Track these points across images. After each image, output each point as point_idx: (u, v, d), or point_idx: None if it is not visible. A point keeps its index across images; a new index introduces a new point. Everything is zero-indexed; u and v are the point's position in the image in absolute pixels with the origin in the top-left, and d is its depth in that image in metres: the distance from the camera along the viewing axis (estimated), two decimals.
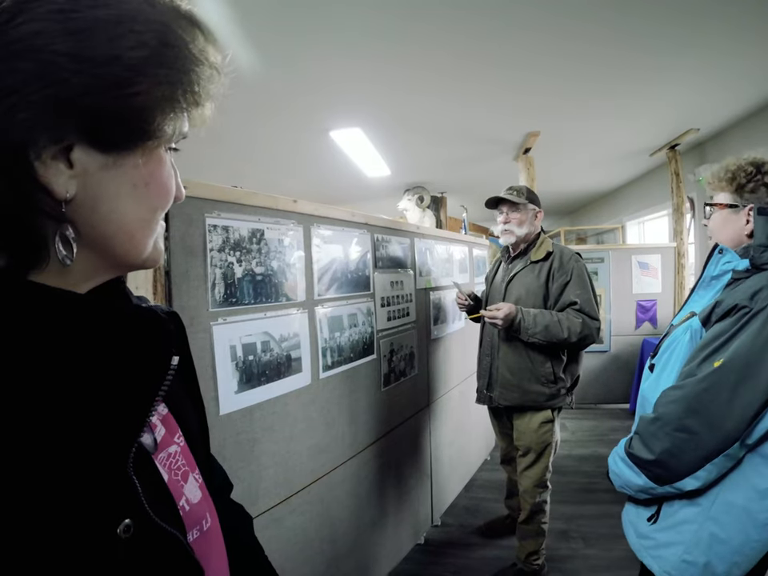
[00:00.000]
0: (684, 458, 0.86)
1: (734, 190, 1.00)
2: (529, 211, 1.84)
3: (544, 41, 2.13)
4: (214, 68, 0.36)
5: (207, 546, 0.43)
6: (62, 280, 0.33)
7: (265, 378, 1.15)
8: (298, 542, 1.28)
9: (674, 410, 0.88)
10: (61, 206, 0.31)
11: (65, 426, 0.30)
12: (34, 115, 0.28)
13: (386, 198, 5.64)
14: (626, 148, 4.02)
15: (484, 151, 3.97)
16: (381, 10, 1.83)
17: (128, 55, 0.30)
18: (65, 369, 0.31)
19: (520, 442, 1.86)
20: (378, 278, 1.68)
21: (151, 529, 0.34)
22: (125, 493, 0.32)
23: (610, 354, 3.95)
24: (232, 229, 1.08)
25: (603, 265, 3.95)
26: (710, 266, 1.02)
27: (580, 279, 1.72)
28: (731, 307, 0.87)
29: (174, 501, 0.39)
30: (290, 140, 3.50)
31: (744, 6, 1.86)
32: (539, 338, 1.66)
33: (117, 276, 0.40)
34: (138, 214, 0.35)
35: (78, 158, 0.31)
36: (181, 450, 0.44)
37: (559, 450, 3.13)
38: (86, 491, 0.30)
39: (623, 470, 0.98)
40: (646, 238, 5.62)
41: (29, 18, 0.28)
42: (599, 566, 1.96)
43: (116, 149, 0.33)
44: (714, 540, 0.87)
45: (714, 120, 3.34)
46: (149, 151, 0.35)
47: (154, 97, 0.32)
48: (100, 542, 0.30)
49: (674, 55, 2.31)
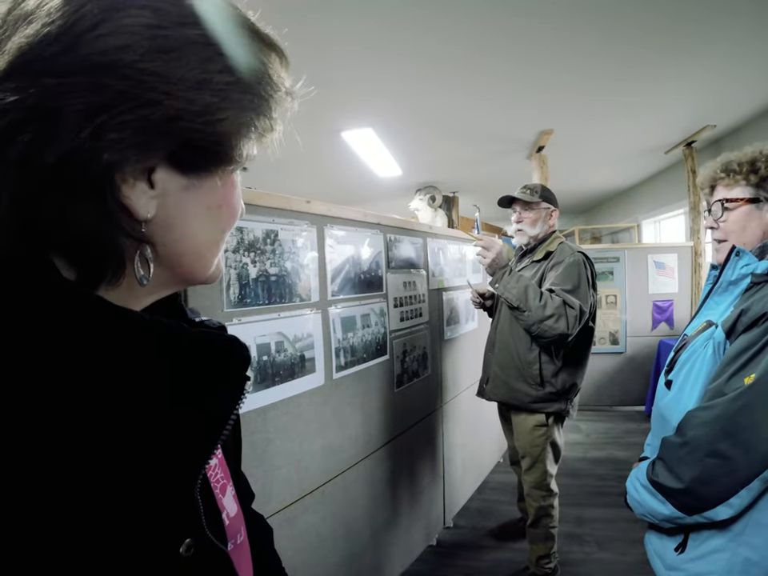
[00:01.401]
0: (716, 485, 0.79)
1: (756, 183, 0.91)
2: (542, 210, 1.81)
3: (557, 37, 2.10)
4: (290, 93, 0.36)
5: (239, 558, 0.43)
6: (128, 294, 0.33)
7: (279, 378, 1.16)
8: (311, 542, 1.29)
9: (706, 434, 0.81)
10: (141, 225, 0.30)
11: (138, 450, 0.29)
12: (125, 136, 0.26)
13: (398, 198, 5.63)
14: (640, 145, 3.95)
15: (497, 150, 3.93)
16: (394, 7, 1.82)
17: (218, 80, 0.29)
18: (139, 392, 0.30)
19: (517, 443, 1.87)
20: (390, 278, 1.68)
21: (207, 546, 0.34)
22: (190, 513, 0.33)
23: (625, 355, 3.89)
24: (246, 230, 1.09)
25: (618, 264, 3.89)
26: (727, 269, 0.93)
27: (566, 271, 1.65)
28: (760, 315, 0.79)
29: (221, 516, 0.39)
30: (301, 141, 3.50)
31: (755, 3, 1.82)
32: (513, 295, 1.59)
33: (177, 290, 0.40)
34: (209, 235, 0.35)
35: (160, 179, 0.30)
36: (218, 463, 0.44)
37: (574, 452, 3.11)
38: (156, 512, 0.30)
39: (646, 499, 0.90)
40: (662, 237, 5.51)
41: (114, 29, 0.26)
42: (613, 570, 1.93)
43: (197, 171, 0.32)
44: (748, 564, 0.81)
45: (731, 116, 3.27)
46: (225, 175, 0.35)
47: (239, 123, 0.32)
48: (164, 561, 0.30)
49: (690, 50, 2.27)
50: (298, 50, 2.10)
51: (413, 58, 2.26)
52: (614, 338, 3.88)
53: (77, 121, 0.25)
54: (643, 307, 3.87)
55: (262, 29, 0.33)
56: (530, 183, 1.88)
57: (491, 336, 1.94)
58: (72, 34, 0.25)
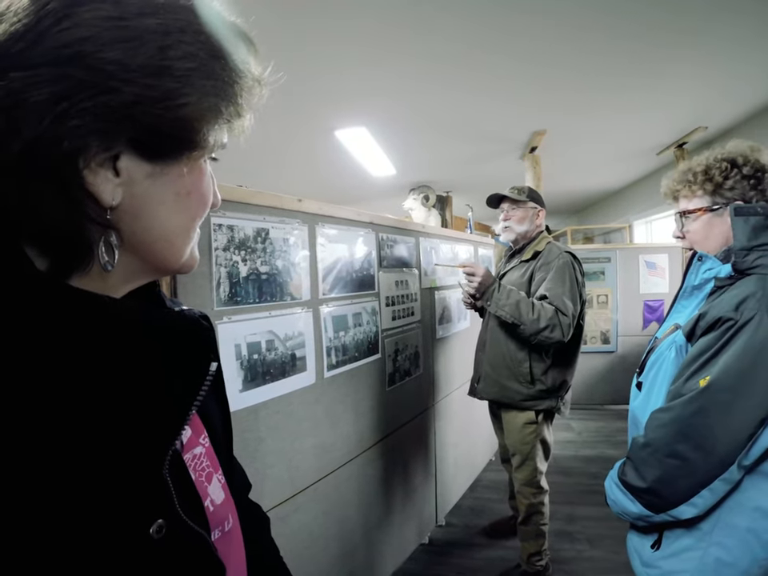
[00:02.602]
0: (678, 485, 0.81)
1: (712, 191, 0.92)
2: (529, 209, 1.83)
3: (552, 36, 2.12)
4: (257, 80, 0.36)
5: (228, 546, 0.43)
6: (102, 283, 0.34)
7: (269, 377, 1.16)
8: (303, 540, 1.29)
9: (664, 435, 0.83)
10: (106, 212, 0.31)
11: (105, 430, 0.30)
12: (85, 123, 0.27)
13: (392, 197, 5.64)
14: (633, 147, 3.99)
15: (490, 150, 3.95)
16: (390, 6, 1.82)
17: (178, 66, 0.30)
18: (106, 374, 0.31)
19: (508, 441, 1.89)
20: (382, 277, 1.68)
21: (181, 529, 0.34)
22: (159, 494, 0.33)
23: (616, 354, 3.92)
24: (237, 228, 1.08)
25: (610, 264, 3.92)
26: (690, 275, 0.95)
27: (557, 275, 1.67)
28: (716, 320, 0.81)
29: (201, 501, 0.39)
30: (295, 139, 3.51)
31: (749, 5, 1.84)
32: (506, 312, 1.62)
33: (153, 280, 0.41)
34: (178, 222, 0.36)
35: (125, 167, 0.31)
36: (206, 452, 0.44)
37: (566, 450, 3.14)
38: (123, 492, 0.30)
39: (618, 497, 0.93)
40: (653, 237, 5.57)
41: (76, 22, 0.27)
42: (604, 568, 1.95)
43: (162, 158, 0.33)
44: (720, 564, 0.82)
45: (723, 118, 3.31)
46: (192, 161, 0.35)
47: (200, 108, 0.32)
48: (133, 541, 0.30)
49: (681, 53, 2.29)
50: (292, 47, 2.11)
51: (407, 57, 2.27)
52: (606, 338, 3.91)
53: (40, 110, 0.26)
54: (634, 307, 3.91)
55: (228, 17, 0.34)
56: (517, 185, 1.90)
57: (482, 335, 1.95)
58: (37, 30, 0.27)
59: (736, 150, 0.93)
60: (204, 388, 0.37)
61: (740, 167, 0.90)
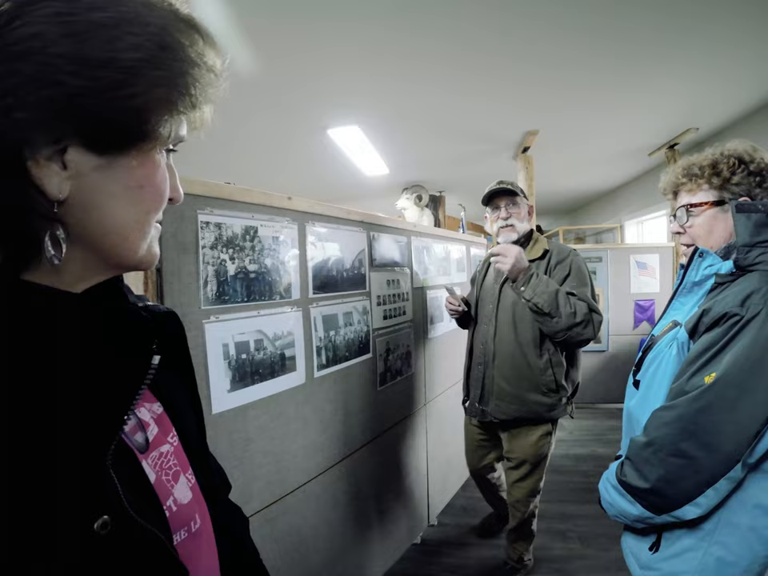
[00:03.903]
0: (682, 484, 0.79)
1: (720, 185, 0.91)
2: (525, 206, 1.75)
3: (542, 38, 2.12)
4: (212, 71, 0.36)
5: (196, 547, 0.42)
6: (57, 279, 0.34)
7: (258, 377, 1.14)
8: (293, 541, 1.28)
9: (668, 433, 0.81)
10: (53, 206, 0.31)
11: (44, 423, 0.30)
12: (30, 116, 0.28)
13: (385, 196, 5.63)
14: (624, 147, 4.02)
15: (483, 150, 3.96)
16: (381, 5, 1.82)
17: (124, 57, 0.30)
18: (46, 365, 0.31)
19: (514, 454, 1.75)
20: (373, 276, 1.67)
21: (130, 527, 0.34)
22: (103, 489, 0.32)
23: (608, 353, 3.95)
24: (225, 226, 1.07)
25: (601, 264, 3.95)
26: (690, 271, 0.94)
27: (579, 273, 1.61)
28: (721, 315, 0.80)
29: (159, 501, 0.39)
30: (287, 137, 3.49)
31: (739, 5, 1.85)
32: (544, 300, 1.47)
33: (114, 276, 0.41)
34: (131, 216, 0.36)
35: (72, 160, 0.31)
36: (174, 450, 0.44)
37: (557, 449, 3.15)
38: (64, 486, 0.30)
39: (616, 499, 0.90)
40: (644, 237, 5.61)
41: (27, 21, 0.28)
42: (596, 566, 1.96)
43: (110, 150, 0.33)
44: (722, 564, 0.81)
45: (714, 119, 3.34)
46: (143, 153, 0.35)
47: (149, 99, 0.32)
48: (77, 536, 0.30)
49: (673, 54, 2.30)
50: (286, 47, 2.09)
51: (399, 56, 2.26)
52: (597, 337, 3.93)
53: None
54: (625, 306, 3.94)
55: (182, 11, 0.35)
56: (504, 179, 1.77)
57: (485, 348, 1.74)
58: None
59: (740, 147, 0.93)
60: (146, 382, 0.37)
61: (747, 164, 0.90)
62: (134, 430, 0.40)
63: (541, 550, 2.03)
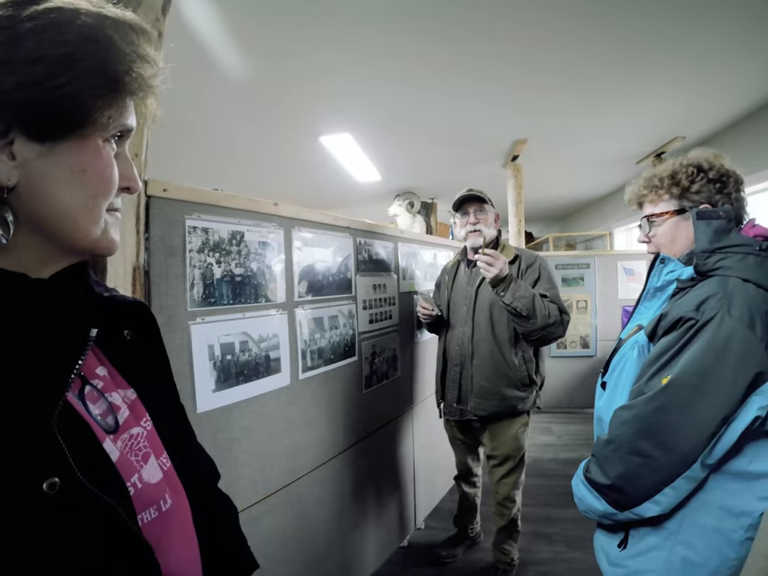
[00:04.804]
0: (640, 482, 0.81)
1: (679, 195, 0.95)
2: (492, 213, 1.85)
3: (531, 48, 2.17)
4: (147, 61, 0.40)
5: (165, 527, 0.44)
6: (20, 264, 0.38)
7: (243, 378, 1.17)
8: (276, 542, 1.29)
9: (626, 432, 0.84)
10: (2, 192, 0.35)
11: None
12: None
13: (377, 202, 5.68)
14: (612, 156, 4.09)
15: (473, 157, 4.02)
16: (373, 11, 1.86)
17: (51, 53, 0.35)
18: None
19: (497, 451, 1.82)
20: (360, 280, 1.70)
21: (82, 492, 0.35)
22: (51, 451, 0.35)
23: (596, 358, 3.99)
24: (212, 230, 1.10)
25: (589, 271, 4.00)
26: (652, 276, 0.98)
27: (549, 277, 1.74)
28: (677, 319, 0.82)
29: (121, 477, 0.40)
30: (280, 144, 3.53)
31: (728, 15, 1.90)
32: (522, 304, 1.58)
33: (79, 262, 0.44)
34: (77, 200, 0.39)
35: (19, 150, 0.35)
36: (146, 434, 0.46)
37: (545, 453, 3.18)
38: (13, 446, 0.33)
39: (584, 495, 0.93)
40: (633, 244, 5.70)
41: None
42: (582, 569, 1.98)
43: (50, 138, 0.37)
44: (688, 564, 0.82)
45: (700, 128, 3.41)
46: (83, 139, 0.38)
47: (78, 87, 0.36)
48: (26, 494, 0.32)
49: (659, 63, 2.35)
50: (278, 55, 2.14)
51: (391, 63, 2.30)
52: (585, 342, 3.98)
53: None
54: (613, 312, 3.99)
55: (110, 11, 0.39)
56: (474, 188, 1.86)
57: (462, 349, 1.80)
58: None
59: (700, 156, 0.96)
60: (85, 350, 0.40)
61: (706, 172, 0.93)
62: (105, 413, 0.43)
63: (527, 553, 2.05)
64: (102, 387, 0.44)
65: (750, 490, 0.78)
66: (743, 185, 0.95)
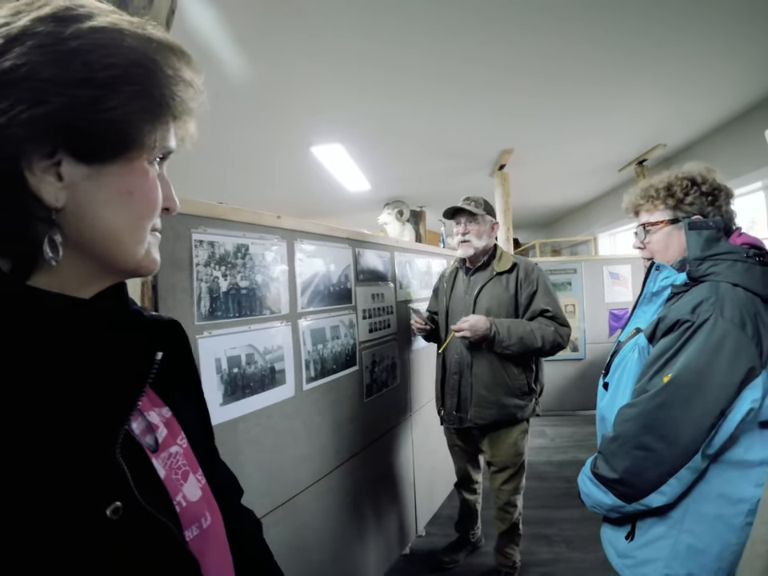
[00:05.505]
0: (646, 474, 0.87)
1: (674, 205, 1.01)
2: (487, 223, 1.81)
3: (515, 61, 2.23)
4: (190, 85, 0.40)
5: (206, 544, 0.45)
6: (62, 284, 0.38)
7: (249, 391, 1.17)
8: (283, 554, 1.28)
9: (630, 428, 0.89)
10: (51, 213, 0.35)
11: (57, 417, 0.33)
12: (21, 131, 0.32)
13: (367, 211, 5.72)
14: (596, 164, 4.21)
15: (461, 166, 4.09)
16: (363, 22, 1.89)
17: (99, 76, 0.35)
18: (58, 365, 0.35)
19: (496, 458, 1.83)
20: (359, 290, 1.72)
21: (141, 514, 0.36)
22: (114, 477, 0.35)
23: (585, 361, 4.07)
24: (217, 244, 1.11)
25: (576, 276, 4.09)
26: (648, 282, 1.02)
27: (547, 288, 1.75)
28: (674, 322, 0.88)
29: (169, 495, 0.41)
30: (272, 154, 3.55)
31: (708, 19, 1.96)
32: (514, 350, 1.64)
33: (118, 283, 0.44)
34: (123, 221, 0.39)
35: (66, 172, 0.35)
36: (183, 452, 0.46)
37: (540, 456, 3.21)
38: (77, 473, 0.33)
39: (592, 490, 0.97)
40: (617, 249, 5.84)
41: (15, 54, 0.33)
42: (582, 568, 2.01)
43: (97, 160, 0.37)
44: (692, 551, 0.87)
45: (681, 136, 3.52)
46: (130, 162, 0.39)
47: (126, 111, 0.36)
48: (90, 521, 0.33)
49: (641, 72, 2.42)
50: (270, 66, 2.16)
51: (382, 76, 2.34)
52: (574, 346, 4.06)
53: None
54: (600, 315, 4.08)
55: (155, 34, 0.39)
56: (472, 195, 1.86)
57: (457, 358, 1.82)
58: None
59: (694, 169, 1.02)
60: (151, 375, 0.40)
61: (699, 185, 0.99)
62: (144, 432, 0.43)
63: (528, 555, 2.07)
64: (140, 406, 0.44)
65: (747, 477, 0.84)
66: (733, 198, 1.01)
